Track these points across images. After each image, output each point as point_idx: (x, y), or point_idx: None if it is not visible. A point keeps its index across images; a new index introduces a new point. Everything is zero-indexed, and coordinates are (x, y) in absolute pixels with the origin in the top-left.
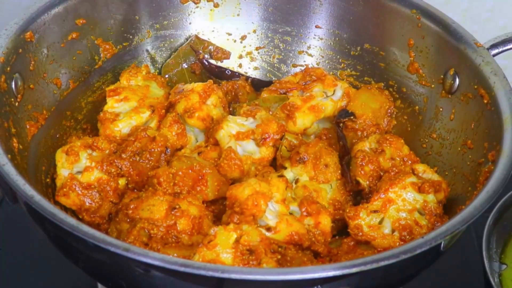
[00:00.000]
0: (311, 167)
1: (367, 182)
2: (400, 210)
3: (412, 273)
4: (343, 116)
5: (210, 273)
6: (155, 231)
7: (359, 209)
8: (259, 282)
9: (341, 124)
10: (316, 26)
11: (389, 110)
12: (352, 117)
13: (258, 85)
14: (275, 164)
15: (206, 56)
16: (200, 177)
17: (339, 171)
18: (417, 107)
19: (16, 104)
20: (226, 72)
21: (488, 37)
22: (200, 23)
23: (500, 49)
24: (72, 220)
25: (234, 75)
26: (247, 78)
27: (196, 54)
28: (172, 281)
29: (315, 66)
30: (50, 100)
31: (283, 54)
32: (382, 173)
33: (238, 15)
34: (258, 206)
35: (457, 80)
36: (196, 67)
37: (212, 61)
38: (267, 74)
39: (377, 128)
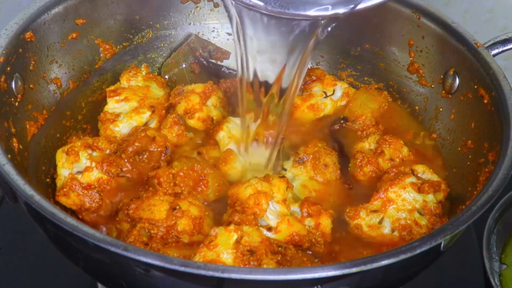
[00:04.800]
0: (310, 167)
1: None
2: (400, 210)
3: (412, 273)
4: (336, 122)
5: (210, 273)
6: (156, 231)
7: (359, 209)
8: (259, 282)
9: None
10: None
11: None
12: (342, 122)
13: None
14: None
15: (205, 54)
16: (201, 178)
17: (338, 171)
18: (417, 107)
19: (16, 104)
20: (223, 69)
21: (488, 38)
22: (200, 23)
23: (500, 49)
24: (72, 220)
25: (231, 73)
26: None
27: (193, 52)
28: (172, 281)
29: (315, 66)
30: (50, 100)
31: None
32: (381, 174)
33: None
34: (259, 205)
35: (457, 80)
36: (195, 66)
37: (211, 60)
38: None
39: (376, 129)
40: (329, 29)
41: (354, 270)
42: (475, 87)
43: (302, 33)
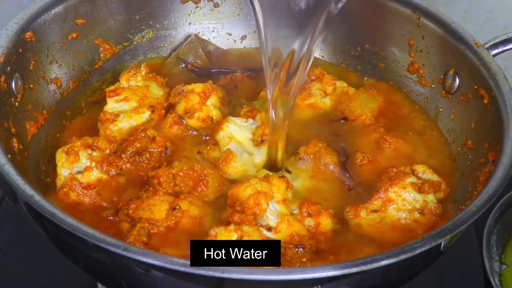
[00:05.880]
0: (310, 167)
1: None
2: (400, 210)
3: (412, 273)
4: (336, 122)
5: (210, 273)
6: (156, 231)
7: (359, 208)
8: (259, 282)
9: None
10: None
11: None
12: (342, 121)
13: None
14: None
15: (205, 55)
16: (201, 178)
17: (339, 171)
18: (417, 107)
19: (16, 104)
20: (219, 70)
21: (488, 38)
22: (200, 23)
23: (500, 49)
24: (72, 220)
25: (230, 71)
26: (243, 71)
27: (185, 66)
28: (172, 281)
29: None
30: (50, 100)
31: None
32: (381, 174)
33: (238, 15)
34: (259, 205)
35: (457, 80)
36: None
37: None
38: None
39: (376, 127)
40: (344, 2)
41: (354, 270)
42: (475, 87)
43: (314, 7)
